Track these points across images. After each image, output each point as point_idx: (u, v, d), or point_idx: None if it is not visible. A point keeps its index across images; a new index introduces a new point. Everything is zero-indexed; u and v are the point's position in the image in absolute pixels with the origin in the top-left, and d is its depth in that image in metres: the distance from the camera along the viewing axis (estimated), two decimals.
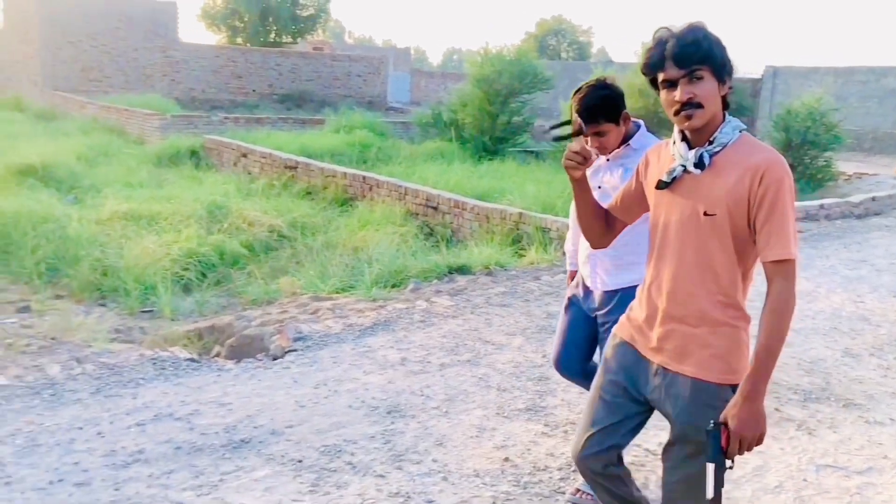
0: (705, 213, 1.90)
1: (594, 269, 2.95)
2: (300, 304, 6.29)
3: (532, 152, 16.22)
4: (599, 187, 2.82)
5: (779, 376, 4.45)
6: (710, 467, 1.84)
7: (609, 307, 2.91)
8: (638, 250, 2.72)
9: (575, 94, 2.75)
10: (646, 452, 3.44)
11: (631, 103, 13.09)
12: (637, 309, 2.14)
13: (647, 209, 2.13)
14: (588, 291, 3.02)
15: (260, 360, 4.54)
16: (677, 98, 1.87)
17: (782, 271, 1.84)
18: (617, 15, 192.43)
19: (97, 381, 3.97)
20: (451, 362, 4.47)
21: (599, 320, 2.98)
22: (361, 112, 20.41)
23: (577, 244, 3.17)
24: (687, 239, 1.95)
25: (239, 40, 36.58)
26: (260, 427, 3.55)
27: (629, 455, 3.41)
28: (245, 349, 5.29)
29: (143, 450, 3.26)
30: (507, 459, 3.35)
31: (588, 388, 3.10)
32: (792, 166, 10.22)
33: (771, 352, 1.83)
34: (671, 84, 1.89)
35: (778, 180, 1.84)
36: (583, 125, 2.68)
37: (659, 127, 14.71)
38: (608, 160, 2.86)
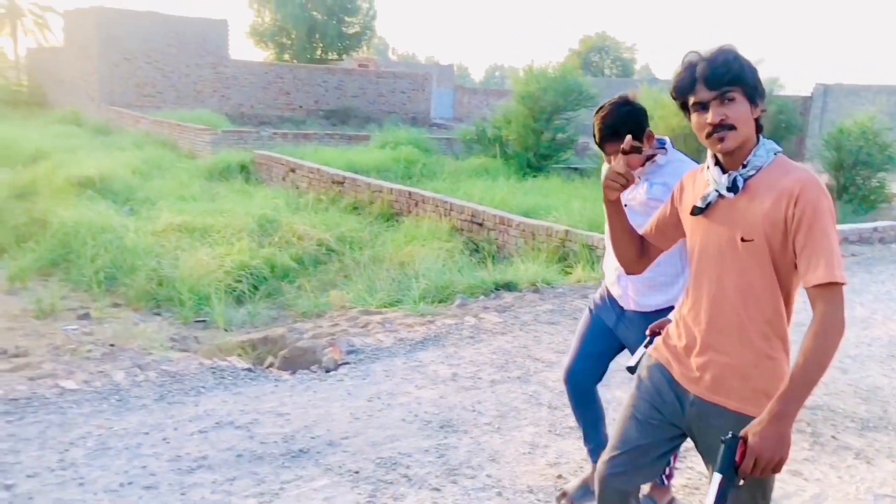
0: (742, 239, 1.85)
1: (626, 290, 2.88)
2: (350, 317, 6.40)
3: (576, 169, 16.20)
4: (626, 205, 2.73)
5: (835, 404, 4.40)
6: (717, 478, 1.74)
7: (635, 331, 2.83)
8: (670, 271, 2.74)
9: (598, 112, 2.72)
10: (700, 475, 3.44)
11: (676, 121, 12.98)
12: (674, 335, 2.08)
13: (682, 235, 2.09)
14: (610, 304, 2.96)
15: (314, 371, 4.63)
16: (709, 120, 1.83)
17: (826, 296, 1.74)
18: (661, 32, 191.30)
19: (160, 388, 4.11)
20: (502, 379, 4.52)
21: (621, 338, 2.94)
22: (406, 128, 20.64)
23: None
24: (725, 266, 1.89)
25: (286, 57, 37.26)
26: (317, 437, 3.63)
27: (682, 477, 3.41)
28: (297, 361, 5.40)
29: (207, 456, 3.37)
30: (560, 477, 3.37)
31: (582, 414, 3.08)
32: (843, 187, 10.04)
33: (808, 375, 1.72)
34: (702, 107, 1.85)
35: (814, 200, 1.77)
36: (629, 143, 2.66)
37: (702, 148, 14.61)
38: (637, 180, 2.79)
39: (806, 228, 1.76)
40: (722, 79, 1.81)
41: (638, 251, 2.18)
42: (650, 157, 2.76)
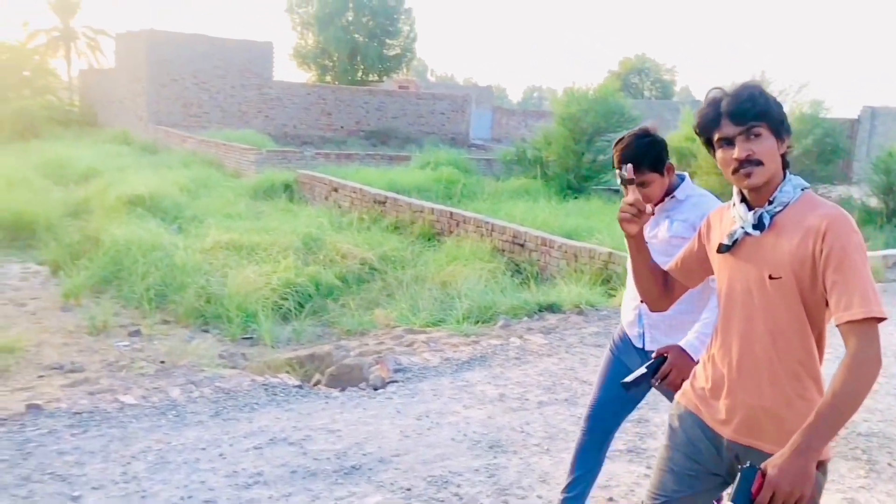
0: (771, 277, 1.80)
1: (644, 329, 2.78)
2: (395, 336, 6.46)
3: (616, 191, 16.13)
4: (648, 242, 2.66)
5: (891, 431, 4.32)
6: None
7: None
8: (692, 308, 2.61)
9: (617, 143, 2.68)
10: None
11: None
12: (701, 377, 2.02)
13: (709, 273, 2.05)
14: (628, 345, 2.85)
15: (363, 389, 4.70)
16: (735, 156, 1.80)
17: (859, 331, 1.67)
18: (702, 53, 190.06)
19: (215, 405, 4.20)
20: (549, 400, 4.53)
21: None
22: (445, 149, 20.80)
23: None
24: (754, 304, 1.85)
25: (328, 78, 37.89)
26: (369, 454, 3.68)
27: None
28: (344, 378, 5.48)
29: (262, 472, 3.44)
30: (610, 500, 3.37)
31: (585, 458, 2.94)
32: (893, 211, 9.82)
33: (836, 410, 1.64)
34: (728, 142, 1.82)
35: (842, 236, 1.72)
36: (630, 172, 2.29)
37: None
38: (653, 213, 2.70)
39: (835, 264, 1.71)
40: (747, 114, 1.79)
41: (662, 288, 2.14)
42: (669, 193, 2.68)
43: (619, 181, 2.51)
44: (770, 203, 1.83)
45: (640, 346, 2.80)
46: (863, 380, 1.65)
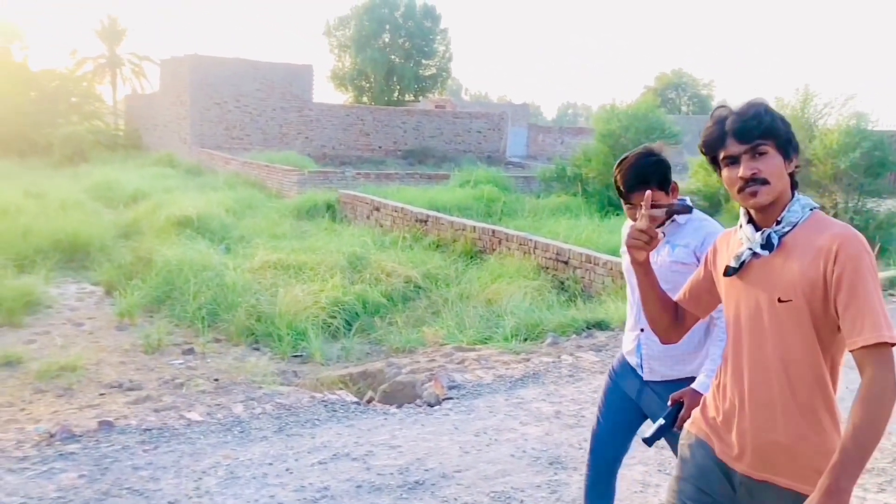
0: (780, 300, 1.74)
1: (642, 359, 2.69)
2: (445, 353, 6.52)
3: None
4: None
5: None
6: None
7: (659, 402, 2.63)
8: (694, 339, 2.54)
9: (620, 162, 2.62)
10: None
11: None
12: (711, 406, 1.95)
13: (719, 300, 1.98)
14: (631, 372, 2.76)
15: (419, 405, 4.76)
16: (740, 174, 1.76)
17: (874, 357, 1.61)
18: (740, 67, 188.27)
19: (277, 421, 4.30)
20: None
21: (644, 409, 2.72)
22: (482, 167, 20.91)
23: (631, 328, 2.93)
24: (763, 329, 1.78)
25: (364, 99, 38.40)
26: (430, 470, 3.74)
27: None
28: (397, 395, 5.55)
29: (328, 486, 3.52)
30: None
31: (595, 494, 2.83)
32: None
33: (860, 444, 1.58)
34: (733, 161, 1.78)
35: (854, 257, 1.67)
36: (649, 201, 2.09)
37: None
38: (664, 236, 2.59)
39: (848, 287, 1.65)
40: (753, 131, 1.75)
41: (672, 318, 2.06)
42: (671, 216, 2.59)
43: (623, 205, 2.54)
44: (778, 223, 1.78)
45: (640, 374, 2.72)
46: (882, 409, 1.59)
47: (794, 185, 1.81)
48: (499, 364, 5.73)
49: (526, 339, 6.90)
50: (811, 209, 1.79)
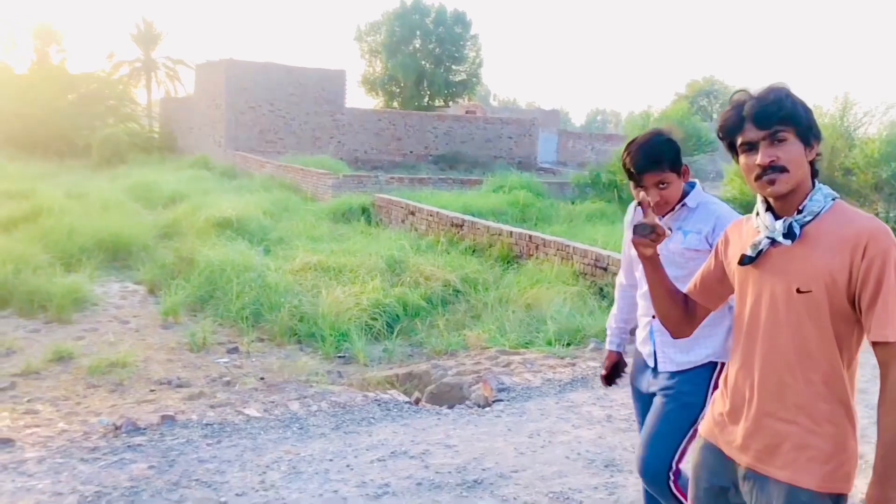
0: (799, 291, 1.69)
1: (658, 348, 2.58)
2: (489, 356, 6.56)
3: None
4: (659, 254, 2.53)
5: None
6: None
7: (673, 382, 2.53)
8: (711, 320, 2.38)
9: (630, 143, 2.52)
10: None
11: None
12: (720, 402, 1.90)
13: (730, 291, 1.92)
14: (641, 367, 2.69)
15: (470, 407, 4.80)
16: (758, 161, 1.70)
17: (894, 355, 1.59)
18: (772, 76, 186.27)
19: (334, 418, 4.37)
20: None
21: (657, 394, 2.58)
22: (513, 172, 20.95)
23: (621, 321, 2.92)
24: (778, 320, 1.73)
25: (395, 104, 38.67)
26: (488, 469, 3.78)
27: None
28: (444, 396, 5.60)
29: (389, 483, 3.57)
30: None
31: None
32: None
33: (894, 449, 1.57)
34: (751, 147, 1.72)
35: (884, 251, 1.62)
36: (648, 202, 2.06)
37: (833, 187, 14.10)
38: (670, 231, 2.47)
39: (875, 282, 1.61)
40: (772, 117, 1.69)
41: (683, 311, 2.00)
42: (681, 199, 2.54)
43: (633, 189, 2.44)
44: (799, 212, 1.73)
45: (652, 365, 2.61)
46: None
47: (814, 174, 1.76)
48: (545, 368, 5.76)
49: (569, 344, 6.92)
50: (833, 199, 1.74)
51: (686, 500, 2.43)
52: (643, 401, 2.69)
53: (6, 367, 6.88)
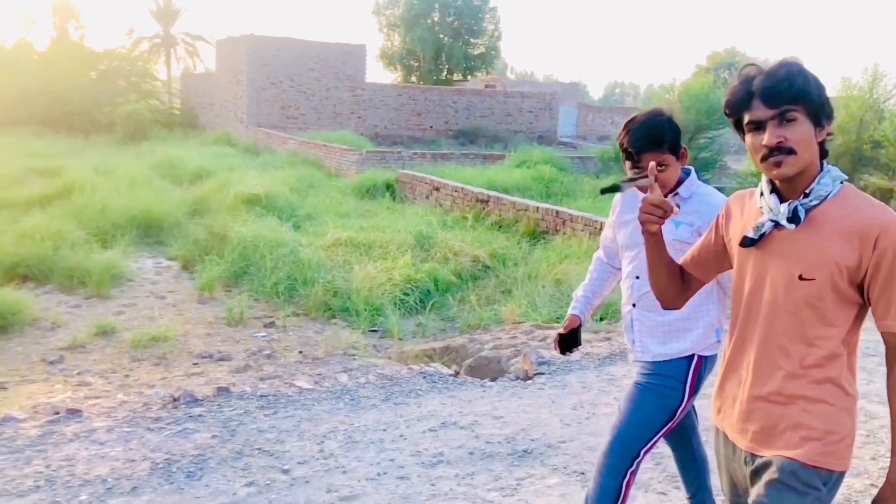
0: (801, 277, 1.64)
1: (638, 336, 2.55)
2: (524, 331, 6.67)
3: (720, 189, 15.91)
4: None
5: None
6: None
7: (649, 372, 2.50)
8: (691, 314, 2.42)
9: (630, 121, 2.44)
10: None
11: (838, 140, 12.42)
12: (718, 383, 1.89)
13: (727, 267, 1.89)
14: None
15: (513, 380, 4.92)
16: (765, 142, 1.62)
17: None
18: (796, 47, 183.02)
19: (382, 390, 4.50)
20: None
21: (633, 383, 2.56)
22: (534, 147, 20.91)
23: (589, 292, 2.87)
24: (778, 305, 1.69)
25: (413, 78, 38.51)
26: (536, 440, 3.90)
27: None
28: (482, 370, 5.72)
29: (442, 452, 3.70)
30: None
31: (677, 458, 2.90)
32: None
33: None
34: (758, 126, 1.64)
35: (895, 244, 1.59)
36: (654, 171, 1.96)
37: (860, 164, 14.00)
38: (678, 207, 2.41)
39: (886, 273, 1.59)
40: (782, 95, 1.60)
41: (679, 285, 1.97)
42: (676, 187, 2.47)
43: (627, 174, 2.33)
44: (805, 196, 1.66)
45: (635, 356, 2.59)
46: None
47: (823, 155, 1.68)
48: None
49: (602, 319, 7.01)
50: (841, 182, 1.68)
51: (628, 500, 2.45)
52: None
53: (53, 340, 7.09)
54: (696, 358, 2.48)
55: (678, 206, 2.36)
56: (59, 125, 27.79)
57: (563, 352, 2.87)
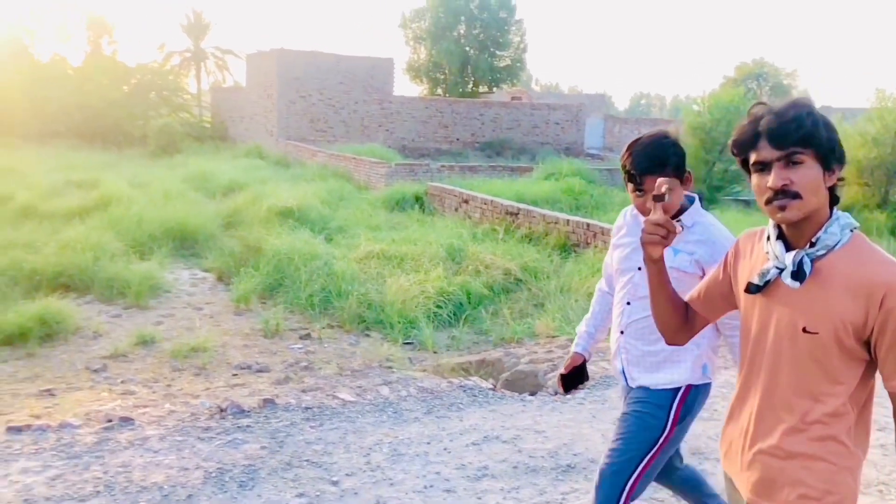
0: (805, 330, 1.59)
1: (626, 366, 2.54)
2: (560, 345, 6.69)
3: (748, 202, 15.82)
4: (640, 269, 2.37)
5: None
6: None
7: (637, 399, 2.48)
8: (679, 347, 2.28)
9: (632, 143, 2.41)
10: None
11: (864, 152, 12.41)
12: (723, 427, 1.86)
13: (732, 306, 1.85)
14: (621, 376, 2.63)
15: (551, 394, 4.95)
16: (770, 184, 1.57)
17: None
18: (826, 56, 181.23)
19: (424, 403, 4.56)
20: None
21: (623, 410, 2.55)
22: (562, 159, 20.93)
23: (592, 327, 2.85)
24: (781, 355, 1.64)
25: (439, 91, 38.76)
26: (579, 455, 3.93)
27: None
28: (519, 384, 5.76)
29: (487, 466, 3.75)
30: None
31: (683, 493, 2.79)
32: None
33: None
34: (764, 167, 1.59)
35: None
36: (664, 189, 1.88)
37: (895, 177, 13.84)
38: (682, 230, 2.34)
39: (893, 333, 1.53)
40: (789, 137, 1.55)
41: (682, 320, 1.91)
42: (679, 214, 2.40)
43: (631, 192, 2.32)
44: (812, 245, 1.60)
45: (621, 380, 2.60)
46: None
47: (834, 201, 1.62)
48: None
49: None
50: (851, 230, 1.61)
51: None
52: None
53: (96, 349, 7.25)
54: (683, 389, 2.45)
55: (682, 226, 2.31)
56: (94, 138, 28.37)
57: (566, 391, 2.87)
